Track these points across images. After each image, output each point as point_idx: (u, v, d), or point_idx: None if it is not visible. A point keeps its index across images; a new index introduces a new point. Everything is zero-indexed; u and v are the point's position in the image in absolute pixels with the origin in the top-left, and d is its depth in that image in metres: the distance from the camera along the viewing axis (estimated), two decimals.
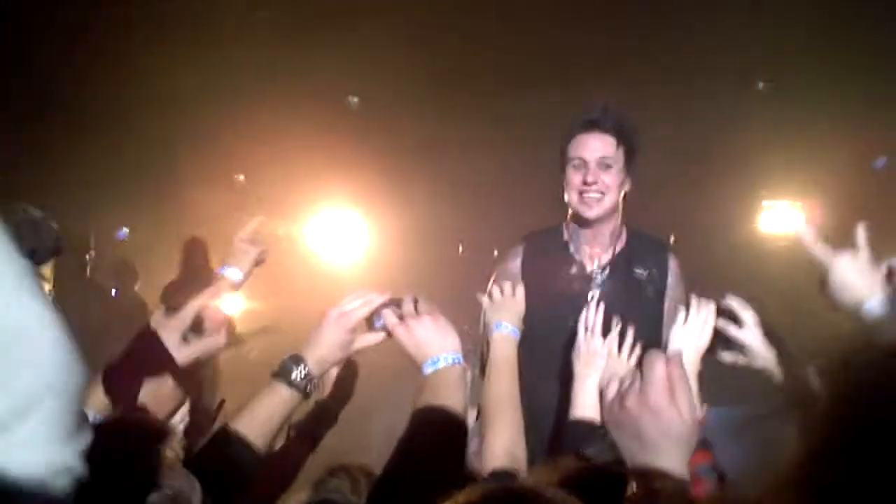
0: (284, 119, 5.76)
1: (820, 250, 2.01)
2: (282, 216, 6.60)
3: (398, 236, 6.67)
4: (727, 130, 6.03)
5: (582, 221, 2.93)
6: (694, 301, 2.35)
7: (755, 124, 6.00)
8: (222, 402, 2.47)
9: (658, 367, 1.22)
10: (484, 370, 2.72)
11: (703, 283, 2.48)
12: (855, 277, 1.94)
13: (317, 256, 6.82)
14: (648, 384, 1.22)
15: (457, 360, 1.85)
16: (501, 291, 2.62)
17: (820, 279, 2.01)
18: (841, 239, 2.00)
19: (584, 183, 2.83)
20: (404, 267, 6.56)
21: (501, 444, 2.18)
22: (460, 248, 6.62)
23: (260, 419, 1.83)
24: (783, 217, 6.65)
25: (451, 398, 1.75)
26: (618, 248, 2.96)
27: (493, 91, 5.68)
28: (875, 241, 2.06)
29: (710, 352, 2.32)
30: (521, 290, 2.61)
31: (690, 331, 2.30)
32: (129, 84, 5.45)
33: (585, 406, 2.31)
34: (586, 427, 2.23)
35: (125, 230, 7.51)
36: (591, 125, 2.86)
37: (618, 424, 1.24)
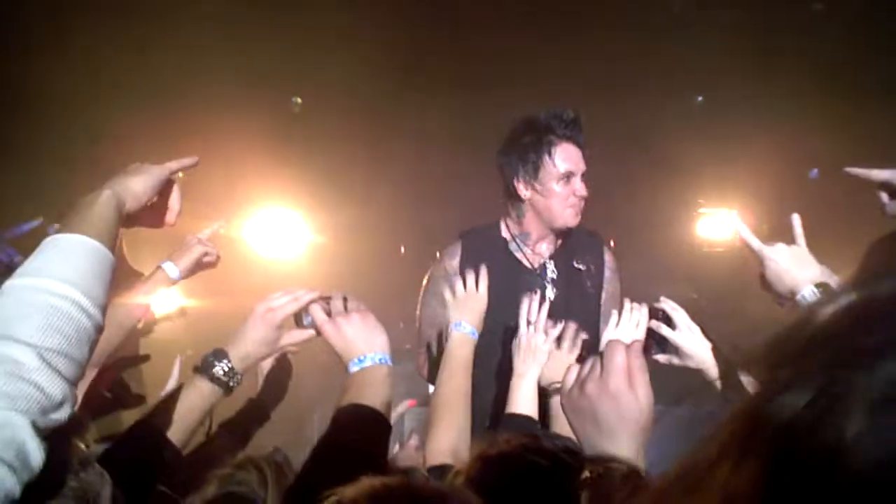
0: (226, 118, 5.68)
1: (756, 243, 2.05)
2: (221, 214, 6.50)
3: (339, 235, 6.62)
4: (668, 141, 6.13)
5: (551, 230, 2.93)
6: (627, 304, 2.39)
7: (693, 136, 6.12)
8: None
9: (618, 354, 1.25)
10: (429, 365, 2.72)
11: (642, 286, 2.51)
12: (790, 266, 1.95)
13: (257, 255, 6.74)
14: (609, 370, 1.24)
15: (383, 360, 1.83)
16: (465, 286, 2.60)
17: (759, 273, 2.03)
18: (773, 237, 2.03)
19: (575, 195, 2.85)
20: (345, 266, 6.52)
21: (447, 441, 2.17)
22: (402, 249, 6.59)
23: (179, 413, 1.80)
24: (719, 224, 6.79)
25: (375, 397, 1.73)
26: (558, 244, 2.98)
27: (436, 91, 5.68)
28: (808, 248, 2.10)
29: (645, 352, 2.35)
30: (483, 286, 2.60)
31: (623, 333, 2.34)
32: (63, 76, 5.30)
33: (522, 402, 2.31)
34: (523, 420, 2.24)
35: (55, 227, 7.31)
36: (577, 134, 2.88)
37: (576, 410, 1.26)
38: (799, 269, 1.94)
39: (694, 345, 2.34)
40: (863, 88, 5.36)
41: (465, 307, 2.54)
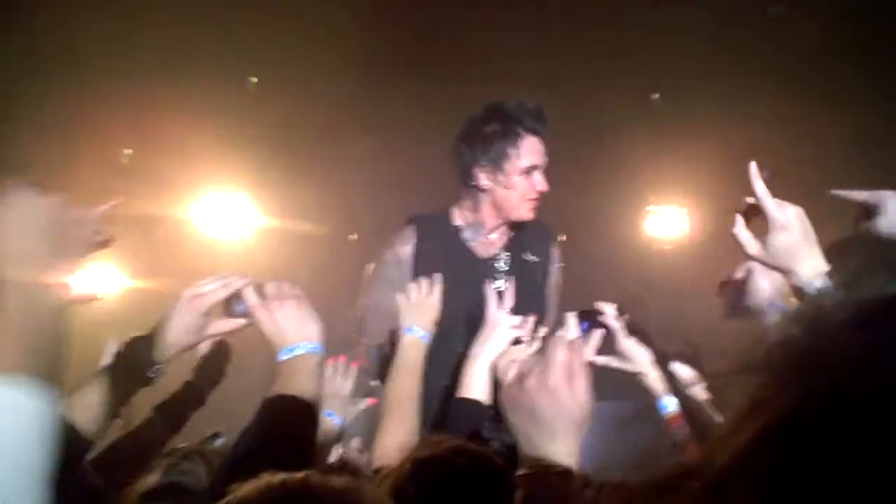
0: (177, 96, 5.58)
1: (771, 203, 1.74)
2: (169, 195, 6.40)
3: (288, 219, 6.56)
4: (622, 138, 6.18)
5: (506, 221, 2.92)
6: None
7: (647, 133, 6.17)
8: None
9: (560, 350, 1.25)
10: (379, 358, 2.69)
11: (590, 282, 2.52)
12: (801, 242, 1.70)
13: (204, 236, 6.65)
14: (549, 366, 1.23)
15: (315, 350, 1.78)
16: (419, 291, 2.57)
17: (737, 231, 1.78)
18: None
19: (535, 190, 2.82)
20: (294, 250, 6.47)
21: (394, 441, 2.15)
22: (353, 236, 6.55)
23: (92, 402, 1.72)
24: (668, 221, 6.87)
25: (304, 386, 1.68)
26: (510, 235, 2.98)
27: (393, 77, 5.64)
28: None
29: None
30: (437, 291, 2.58)
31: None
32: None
33: (473, 386, 2.29)
34: (472, 405, 2.23)
35: None
36: (542, 128, 2.84)
37: (515, 405, 1.25)
38: (808, 248, 1.68)
39: (633, 349, 2.36)
40: (817, 90, 5.45)
41: (417, 312, 2.53)
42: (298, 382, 1.68)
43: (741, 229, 1.74)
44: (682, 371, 2.37)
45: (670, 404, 2.32)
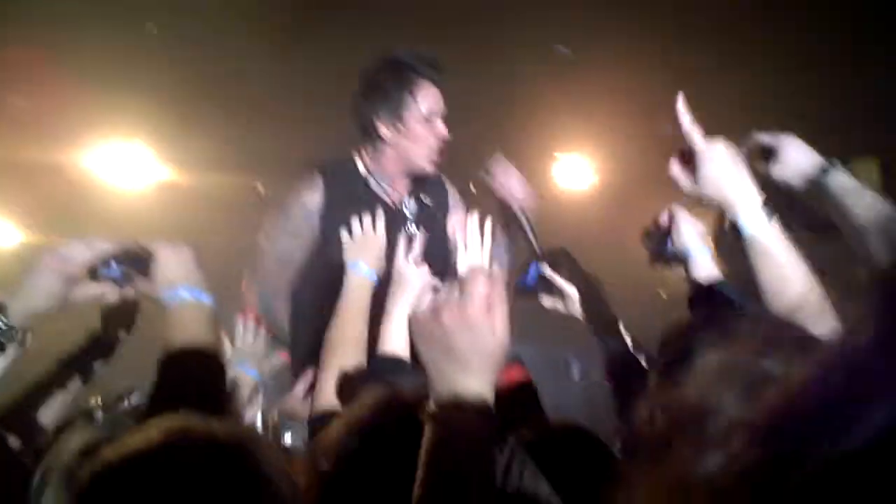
0: (74, 43, 5.31)
1: (697, 134, 1.75)
2: (64, 144, 6.13)
3: (190, 170, 6.35)
4: (529, 88, 6.19)
5: (409, 172, 2.89)
6: (470, 223, 2.38)
7: (555, 84, 6.20)
8: None
9: (479, 282, 1.20)
10: (292, 308, 2.63)
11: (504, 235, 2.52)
12: (731, 172, 1.68)
13: (100, 186, 6.38)
14: (467, 298, 1.18)
15: (201, 297, 1.73)
16: (361, 227, 2.56)
17: (676, 165, 1.79)
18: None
19: (436, 137, 2.82)
20: (193, 202, 6.28)
21: (335, 386, 2.11)
22: (258, 186, 6.40)
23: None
24: (575, 171, 6.90)
25: (203, 337, 1.63)
26: (410, 184, 2.97)
27: (295, 21, 5.49)
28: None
29: (533, 295, 2.37)
30: (381, 226, 2.54)
31: (472, 255, 2.34)
32: None
33: (391, 340, 2.25)
34: (391, 361, 2.20)
35: None
36: (438, 76, 2.84)
37: (427, 337, 1.20)
38: (740, 178, 1.68)
39: (571, 292, 2.39)
40: (732, 46, 5.55)
41: (362, 247, 2.49)
42: (196, 333, 1.62)
43: (675, 168, 1.76)
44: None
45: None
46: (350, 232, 2.54)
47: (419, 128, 2.79)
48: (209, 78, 5.89)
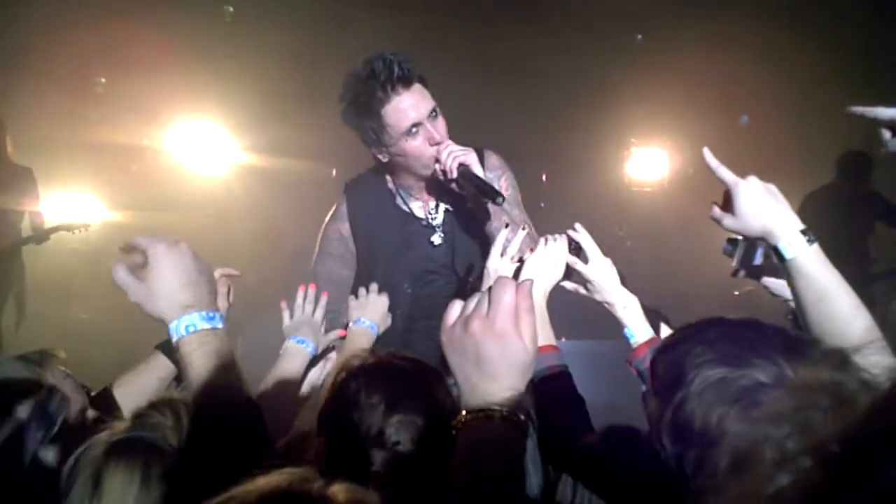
0: (154, 24, 5.47)
1: (728, 173, 1.78)
2: (145, 125, 6.30)
3: (266, 152, 6.47)
4: (606, 78, 6.15)
5: (422, 179, 2.75)
6: (547, 237, 2.38)
7: (631, 74, 6.14)
8: None
9: (507, 293, 1.20)
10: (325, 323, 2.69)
11: (570, 221, 2.49)
12: (768, 202, 1.71)
13: (180, 168, 6.55)
14: (496, 309, 1.19)
15: (214, 320, 1.49)
16: (367, 291, 2.62)
17: (719, 205, 1.79)
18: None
19: (433, 145, 2.57)
20: (269, 185, 6.40)
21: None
22: (334, 172, 6.48)
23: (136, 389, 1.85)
24: (649, 163, 6.85)
25: (228, 377, 1.47)
26: (436, 190, 2.79)
27: (377, 10, 5.55)
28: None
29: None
30: (385, 294, 2.65)
31: (541, 264, 2.34)
32: None
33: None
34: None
35: None
36: (402, 82, 2.55)
37: (457, 347, 1.21)
38: (777, 207, 1.70)
39: (604, 278, 2.37)
40: (803, 37, 5.43)
41: (366, 308, 2.60)
42: (220, 375, 1.44)
43: (716, 211, 1.79)
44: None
45: (636, 333, 2.34)
46: (363, 294, 2.63)
47: (404, 144, 2.59)
48: (288, 66, 6.01)
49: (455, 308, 1.25)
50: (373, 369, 1.58)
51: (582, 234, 2.38)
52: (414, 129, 2.55)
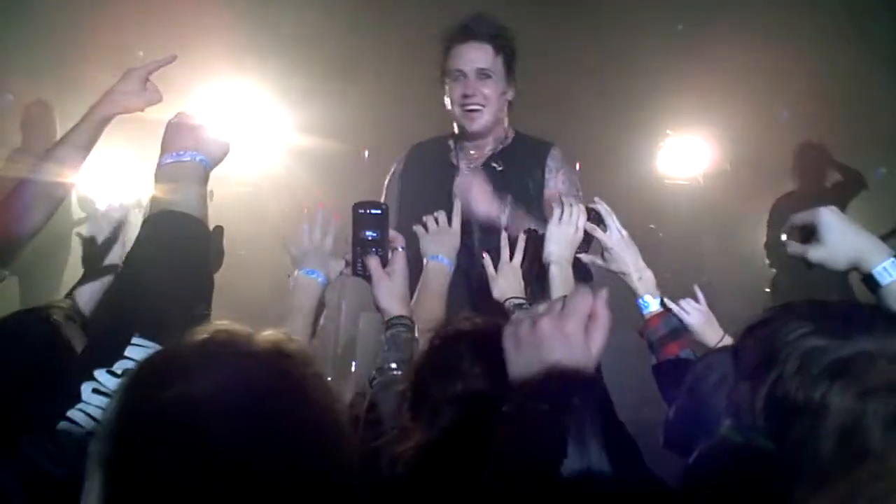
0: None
1: (804, 214, 1.73)
2: (182, 94, 6.31)
3: (311, 132, 6.46)
4: (646, 67, 6.10)
5: (465, 134, 2.98)
6: (565, 201, 2.42)
7: (671, 64, 6.09)
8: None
9: (585, 299, 1.19)
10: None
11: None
12: (852, 229, 1.68)
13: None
14: (570, 312, 1.18)
15: (203, 160, 1.65)
16: (437, 222, 2.58)
17: (786, 236, 1.77)
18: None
19: (464, 96, 2.86)
20: (306, 161, 6.40)
21: None
22: (366, 154, 6.48)
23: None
24: (685, 152, 6.71)
25: (185, 197, 1.54)
26: (496, 149, 3.01)
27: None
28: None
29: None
30: (456, 222, 2.59)
31: (564, 228, 2.37)
32: None
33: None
34: None
35: (9, 96, 6.96)
36: (466, 35, 2.88)
37: (520, 341, 1.20)
38: (864, 234, 1.65)
39: (621, 249, 2.39)
40: (848, 31, 5.35)
41: (439, 242, 2.55)
42: (177, 192, 1.54)
43: (794, 246, 1.74)
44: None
45: (650, 304, 2.36)
46: (433, 225, 2.57)
47: (448, 88, 2.92)
48: (328, 42, 6.03)
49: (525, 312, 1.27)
50: (483, 336, 1.55)
51: (601, 205, 2.42)
52: (455, 74, 2.89)
